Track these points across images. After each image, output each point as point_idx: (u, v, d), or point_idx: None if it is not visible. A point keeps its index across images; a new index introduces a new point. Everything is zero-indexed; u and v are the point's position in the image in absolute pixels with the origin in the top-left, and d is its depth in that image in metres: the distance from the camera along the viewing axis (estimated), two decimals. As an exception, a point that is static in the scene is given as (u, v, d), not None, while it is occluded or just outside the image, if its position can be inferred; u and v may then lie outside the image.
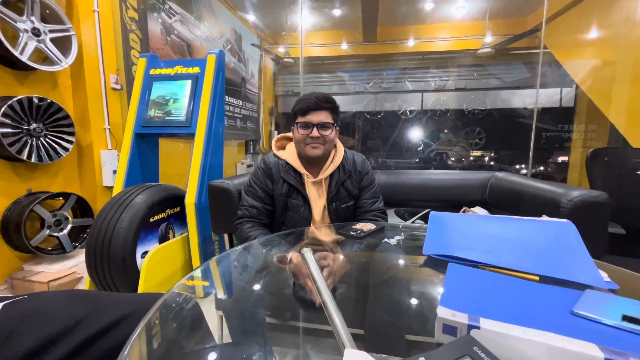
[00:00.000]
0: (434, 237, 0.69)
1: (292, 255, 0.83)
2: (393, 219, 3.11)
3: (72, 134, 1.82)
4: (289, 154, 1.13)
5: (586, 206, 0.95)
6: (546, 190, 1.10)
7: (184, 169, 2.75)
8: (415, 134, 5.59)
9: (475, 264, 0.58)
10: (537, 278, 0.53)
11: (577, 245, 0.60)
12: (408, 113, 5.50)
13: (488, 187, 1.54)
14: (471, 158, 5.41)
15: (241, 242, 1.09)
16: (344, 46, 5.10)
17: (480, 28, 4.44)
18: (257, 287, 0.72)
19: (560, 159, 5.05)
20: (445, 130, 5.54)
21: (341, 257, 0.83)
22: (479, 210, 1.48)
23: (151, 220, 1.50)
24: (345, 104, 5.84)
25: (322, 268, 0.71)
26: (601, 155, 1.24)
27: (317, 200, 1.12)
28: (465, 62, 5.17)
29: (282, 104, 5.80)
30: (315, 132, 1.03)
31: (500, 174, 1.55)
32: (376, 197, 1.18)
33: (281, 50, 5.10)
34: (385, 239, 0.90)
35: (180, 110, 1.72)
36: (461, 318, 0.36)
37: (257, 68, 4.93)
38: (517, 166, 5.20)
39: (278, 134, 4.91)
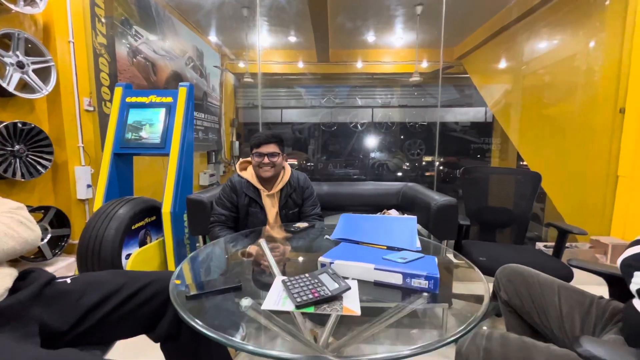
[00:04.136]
0: (339, 228, 1.15)
1: (251, 248, 1.23)
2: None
3: (50, 153, 2.03)
4: (249, 174, 1.53)
5: (443, 207, 1.49)
6: (426, 196, 1.64)
7: (153, 179, 2.99)
8: (364, 146, 6.24)
9: (356, 242, 1.04)
10: (385, 247, 1.01)
11: (412, 229, 1.09)
12: (359, 126, 6.13)
13: (401, 195, 2.07)
14: (424, 163, 6.20)
15: (213, 240, 1.47)
16: (301, 64, 5.58)
17: (417, 55, 5.19)
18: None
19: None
20: (392, 141, 6.28)
21: (287, 246, 1.25)
22: (393, 212, 2.00)
23: (133, 228, 1.80)
24: (303, 116, 6.32)
25: (272, 251, 1.13)
26: (467, 171, 1.83)
27: (271, 208, 1.53)
28: (406, 82, 5.94)
29: (243, 115, 6.11)
30: (266, 160, 1.44)
31: (410, 184, 2.09)
32: (314, 205, 1.62)
33: (242, 65, 5.43)
34: (327, 236, 1.32)
35: (155, 134, 2.03)
36: (327, 260, 0.81)
37: (218, 82, 5.19)
38: (453, 170, 6.07)
39: (240, 144, 5.20)
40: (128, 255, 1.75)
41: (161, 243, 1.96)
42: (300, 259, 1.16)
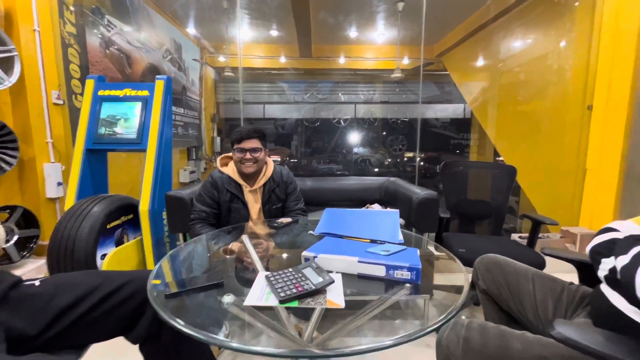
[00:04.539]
0: (323, 222, 1.15)
1: (233, 245, 1.20)
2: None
3: (15, 149, 1.90)
4: (231, 170, 1.50)
5: (425, 200, 1.52)
6: (408, 190, 1.67)
7: (129, 176, 2.88)
8: (347, 142, 6.28)
9: (340, 236, 1.04)
10: (368, 240, 1.01)
11: (395, 222, 1.10)
12: (342, 122, 6.15)
13: (384, 189, 2.09)
14: (405, 159, 6.30)
15: (194, 237, 1.43)
16: (283, 59, 5.51)
17: (399, 51, 5.24)
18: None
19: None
20: (374, 136, 6.35)
21: (271, 242, 1.24)
22: (376, 206, 2.02)
23: (108, 227, 1.72)
24: (286, 112, 6.26)
25: (256, 247, 1.12)
26: (447, 166, 1.88)
27: (254, 204, 1.51)
28: (388, 79, 6.00)
29: (224, 111, 5.97)
30: (248, 155, 1.42)
31: (392, 179, 2.12)
32: (298, 200, 1.61)
33: (222, 59, 5.30)
34: (310, 231, 1.32)
35: (131, 129, 1.94)
36: (310, 254, 0.80)
37: (197, 76, 5.04)
38: (434, 165, 6.22)
39: (221, 140, 5.10)
40: (104, 256, 1.67)
41: (139, 242, 1.89)
42: (284, 255, 1.15)
